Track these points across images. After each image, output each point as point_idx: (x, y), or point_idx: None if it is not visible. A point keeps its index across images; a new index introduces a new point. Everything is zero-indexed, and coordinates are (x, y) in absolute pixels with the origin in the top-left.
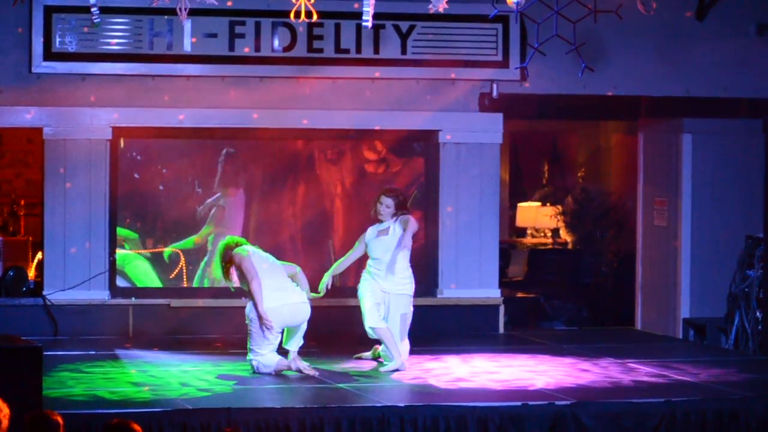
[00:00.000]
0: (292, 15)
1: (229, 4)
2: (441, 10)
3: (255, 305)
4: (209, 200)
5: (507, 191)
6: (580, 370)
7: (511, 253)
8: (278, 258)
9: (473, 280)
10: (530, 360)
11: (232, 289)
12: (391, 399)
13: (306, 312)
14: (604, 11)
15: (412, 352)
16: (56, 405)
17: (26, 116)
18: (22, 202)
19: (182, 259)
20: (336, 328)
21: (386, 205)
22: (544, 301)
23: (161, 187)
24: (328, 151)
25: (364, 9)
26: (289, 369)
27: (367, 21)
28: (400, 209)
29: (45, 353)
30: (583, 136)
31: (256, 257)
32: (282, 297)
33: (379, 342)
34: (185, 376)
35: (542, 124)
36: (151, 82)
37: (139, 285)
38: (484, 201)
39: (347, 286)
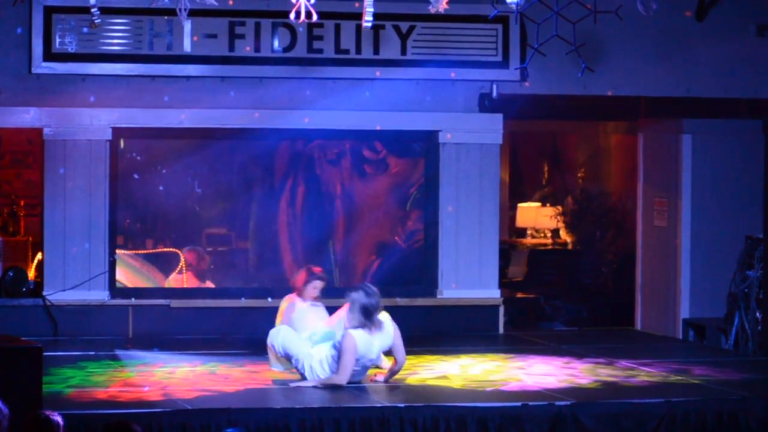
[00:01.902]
0: (291, 15)
1: (231, 3)
2: (441, 10)
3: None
4: None
5: (507, 192)
6: (579, 370)
7: (511, 254)
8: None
9: (473, 281)
10: (530, 360)
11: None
12: (391, 399)
13: None
14: (603, 12)
15: (411, 352)
16: (56, 405)
17: (26, 117)
18: (22, 203)
19: (182, 259)
20: None
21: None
22: (544, 302)
23: (161, 188)
24: (328, 151)
25: (366, 9)
26: None
27: (369, 21)
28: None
29: (45, 353)
30: (583, 136)
31: (362, 344)
32: None
33: None
34: (184, 376)
35: (542, 125)
36: (151, 82)
37: None
38: (484, 201)
39: (348, 286)
